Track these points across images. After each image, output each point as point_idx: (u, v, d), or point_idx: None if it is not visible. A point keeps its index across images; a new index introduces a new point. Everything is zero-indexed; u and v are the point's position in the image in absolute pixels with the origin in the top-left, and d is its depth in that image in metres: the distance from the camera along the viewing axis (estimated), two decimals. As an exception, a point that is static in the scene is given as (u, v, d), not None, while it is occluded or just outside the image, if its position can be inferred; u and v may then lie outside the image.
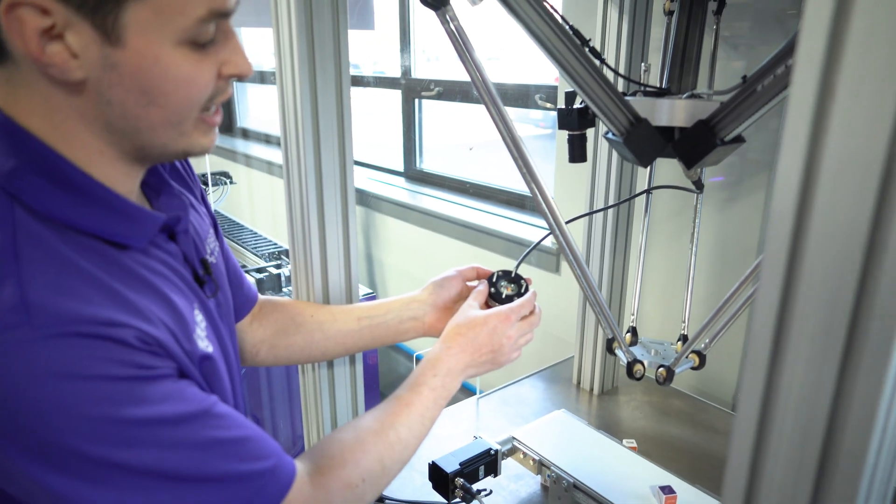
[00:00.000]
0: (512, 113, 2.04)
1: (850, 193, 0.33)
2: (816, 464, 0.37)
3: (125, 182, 0.56)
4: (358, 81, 2.57)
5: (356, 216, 0.93)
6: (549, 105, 1.81)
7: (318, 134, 0.84)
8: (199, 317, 0.60)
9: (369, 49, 2.72)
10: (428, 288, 0.92)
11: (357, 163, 2.71)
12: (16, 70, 0.49)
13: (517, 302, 0.83)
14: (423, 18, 2.19)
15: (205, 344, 0.58)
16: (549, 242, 1.53)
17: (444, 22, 0.69)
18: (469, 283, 0.93)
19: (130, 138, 0.53)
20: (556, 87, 1.73)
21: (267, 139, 3.36)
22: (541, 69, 1.83)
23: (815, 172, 0.34)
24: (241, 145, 3.38)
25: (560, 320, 1.68)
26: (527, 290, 0.89)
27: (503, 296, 0.88)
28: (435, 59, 2.39)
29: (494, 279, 0.89)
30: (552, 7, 0.71)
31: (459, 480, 0.93)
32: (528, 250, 0.93)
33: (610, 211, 1.23)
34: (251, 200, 3.13)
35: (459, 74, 2.14)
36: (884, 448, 0.36)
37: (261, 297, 0.92)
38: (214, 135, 0.58)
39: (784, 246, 0.36)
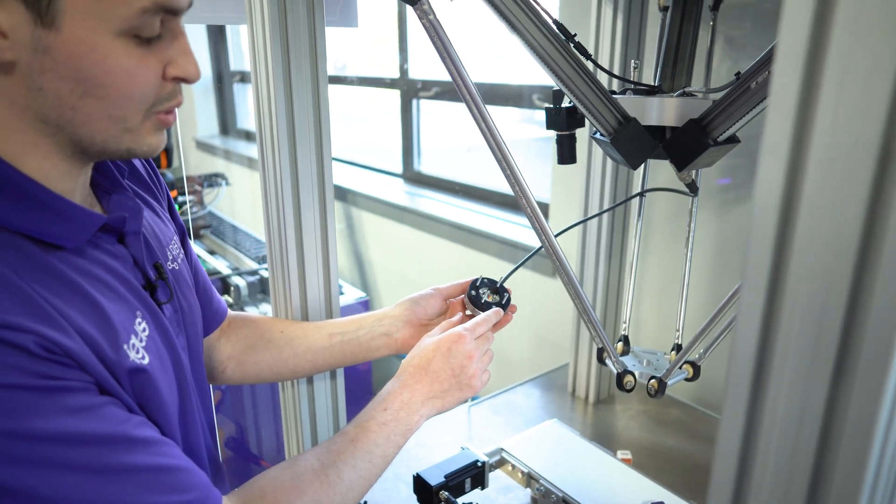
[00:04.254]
0: (517, 114, 2.01)
1: (839, 193, 0.29)
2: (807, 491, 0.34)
3: (64, 179, 0.53)
4: (353, 81, 2.54)
5: (352, 218, 0.89)
6: (546, 105, 1.77)
7: (294, 132, 0.81)
8: (140, 325, 0.56)
9: (375, 50, 2.69)
10: (402, 304, 0.88)
11: (355, 164, 2.69)
12: None
13: (472, 321, 0.78)
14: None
15: (139, 356, 0.54)
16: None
17: (421, 16, 0.66)
18: (452, 300, 0.90)
19: (66, 131, 0.50)
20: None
21: (248, 136, 3.35)
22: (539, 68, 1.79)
23: (800, 172, 0.30)
24: (241, 147, 3.36)
25: (556, 325, 1.64)
26: (508, 301, 0.85)
27: (482, 301, 0.84)
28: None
29: (477, 283, 0.86)
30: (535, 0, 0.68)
31: (444, 494, 0.90)
32: (518, 265, 0.89)
33: (605, 215, 1.19)
34: (245, 202, 3.11)
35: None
36: (882, 476, 0.32)
37: (231, 312, 0.89)
38: (164, 136, 0.55)
39: (767, 253, 0.32)
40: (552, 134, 0.86)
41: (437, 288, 0.89)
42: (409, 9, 0.66)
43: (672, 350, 0.90)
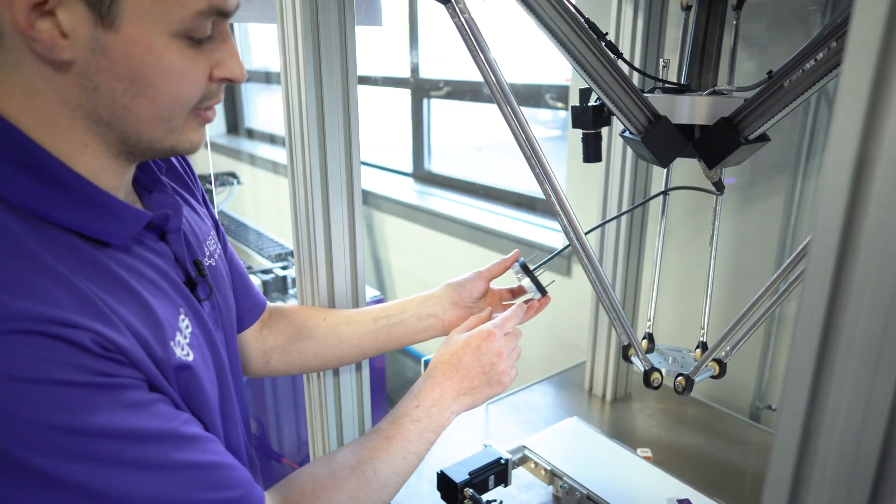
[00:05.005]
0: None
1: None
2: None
3: (111, 178, 0.54)
4: (366, 80, 2.54)
5: (364, 218, 0.90)
6: (559, 105, 1.77)
7: (324, 133, 0.81)
8: (184, 322, 0.57)
9: (378, 49, 2.69)
10: (446, 287, 0.88)
11: (365, 164, 2.70)
12: (0, 48, 0.47)
13: (500, 317, 0.78)
14: (436, 15, 2.16)
15: (184, 352, 0.55)
16: (562, 244, 1.49)
17: (454, 14, 0.66)
18: (493, 288, 0.90)
19: (116, 130, 0.51)
20: (566, 87, 1.69)
21: (273, 139, 3.36)
22: (550, 68, 1.80)
23: (868, 170, 0.31)
24: (247, 145, 3.37)
25: (571, 324, 1.65)
26: (544, 292, 0.86)
27: (534, 273, 0.85)
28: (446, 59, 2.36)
29: (523, 261, 0.86)
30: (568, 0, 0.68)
31: (469, 491, 0.90)
32: (549, 257, 0.90)
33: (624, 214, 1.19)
34: (258, 201, 3.12)
35: (469, 73, 2.11)
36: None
37: (269, 304, 0.89)
38: (204, 132, 0.56)
39: (831, 253, 0.33)
40: (558, 133, 0.87)
41: (479, 271, 0.89)
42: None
43: (697, 348, 0.91)
